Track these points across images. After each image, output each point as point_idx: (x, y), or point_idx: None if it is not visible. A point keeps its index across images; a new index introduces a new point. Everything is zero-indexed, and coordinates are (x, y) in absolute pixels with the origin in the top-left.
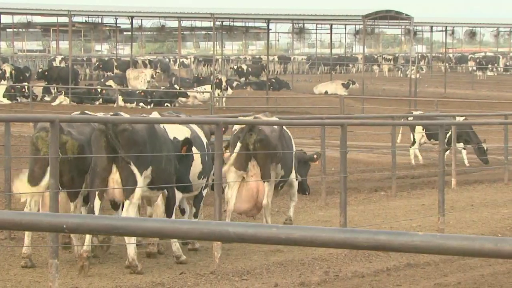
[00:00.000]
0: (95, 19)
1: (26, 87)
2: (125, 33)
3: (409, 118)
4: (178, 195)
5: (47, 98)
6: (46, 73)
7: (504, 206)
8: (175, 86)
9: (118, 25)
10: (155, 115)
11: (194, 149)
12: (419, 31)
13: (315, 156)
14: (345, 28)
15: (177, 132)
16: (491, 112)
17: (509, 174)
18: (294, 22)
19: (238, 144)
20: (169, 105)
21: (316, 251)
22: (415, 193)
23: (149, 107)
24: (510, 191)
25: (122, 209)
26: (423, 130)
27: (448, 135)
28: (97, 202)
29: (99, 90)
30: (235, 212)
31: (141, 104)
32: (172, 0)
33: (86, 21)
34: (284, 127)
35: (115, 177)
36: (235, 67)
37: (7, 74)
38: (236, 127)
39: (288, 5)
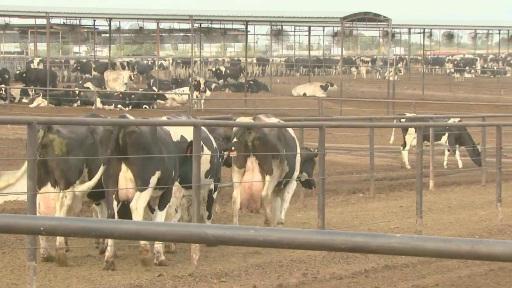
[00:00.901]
0: (73, 21)
1: (3, 89)
2: (103, 35)
3: (402, 120)
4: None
5: (25, 100)
6: (24, 75)
7: (482, 208)
8: (154, 88)
9: (96, 27)
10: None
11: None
12: (397, 33)
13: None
14: (323, 30)
15: (184, 131)
16: (469, 114)
17: (487, 176)
18: (272, 24)
19: (235, 140)
20: (147, 107)
21: (294, 253)
22: (393, 195)
23: (127, 109)
24: (487, 193)
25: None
26: (415, 132)
27: (444, 137)
28: (114, 203)
29: (77, 92)
30: (241, 209)
31: (119, 106)
32: (151, 2)
33: (64, 23)
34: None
35: (126, 176)
36: (214, 69)
37: None
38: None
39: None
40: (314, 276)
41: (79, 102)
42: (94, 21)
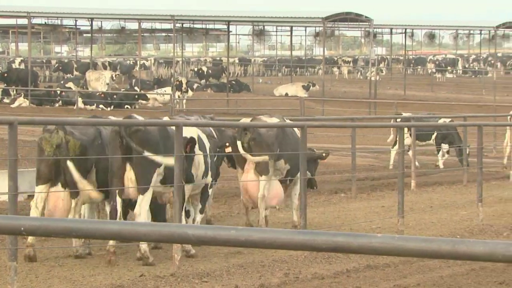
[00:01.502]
0: (54, 20)
1: None
2: (84, 35)
3: (398, 120)
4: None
5: (6, 100)
6: (5, 75)
7: (463, 207)
8: (135, 88)
9: (77, 27)
10: (166, 118)
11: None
12: (378, 33)
13: (324, 154)
14: (305, 30)
15: (185, 132)
16: (450, 114)
17: (468, 176)
18: (254, 24)
19: (239, 143)
20: (129, 107)
21: (276, 253)
22: (375, 194)
23: (109, 109)
24: (469, 193)
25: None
26: (408, 131)
27: (433, 136)
28: (118, 200)
29: (58, 92)
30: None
31: (101, 106)
32: (132, 2)
33: (45, 22)
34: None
35: (129, 175)
36: (196, 69)
37: None
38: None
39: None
40: (296, 276)
41: (60, 102)
42: (76, 21)
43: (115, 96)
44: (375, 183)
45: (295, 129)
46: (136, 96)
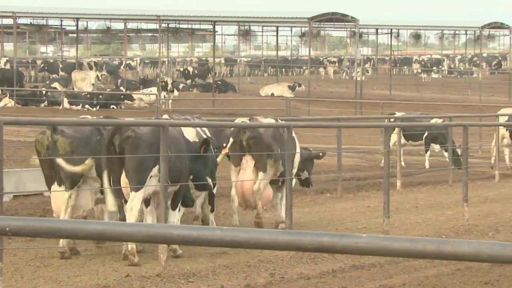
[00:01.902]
0: (40, 21)
1: None
2: (70, 35)
3: (391, 120)
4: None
5: None
6: None
7: (449, 207)
8: (121, 88)
9: (63, 27)
10: (165, 117)
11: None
12: (364, 33)
13: (320, 154)
14: (291, 30)
15: (187, 133)
16: (436, 114)
17: (454, 176)
18: (240, 25)
19: (231, 140)
20: (115, 107)
21: (262, 253)
22: (360, 195)
23: (95, 109)
24: (454, 192)
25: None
26: (400, 132)
27: (424, 136)
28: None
29: (44, 92)
30: (240, 206)
31: (86, 106)
32: (118, 2)
33: (31, 23)
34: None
35: (124, 180)
36: (181, 69)
37: None
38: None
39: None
40: (281, 276)
41: (46, 102)
42: (61, 21)
43: (100, 96)
44: (361, 183)
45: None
46: (122, 96)
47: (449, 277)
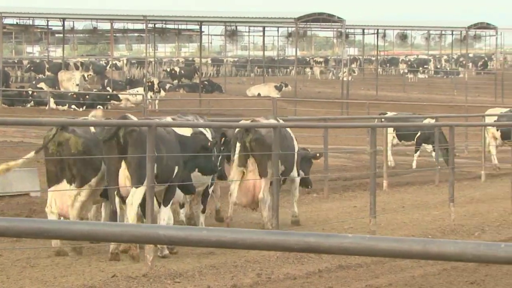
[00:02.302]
0: (26, 21)
1: None
2: (56, 35)
3: (382, 120)
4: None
5: None
6: None
7: (435, 207)
8: (108, 88)
9: (49, 27)
10: (168, 119)
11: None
12: (351, 33)
13: (317, 154)
14: (278, 30)
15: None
16: (422, 114)
17: (440, 176)
18: (226, 25)
19: (238, 144)
20: (101, 107)
21: (248, 253)
22: (347, 195)
23: (81, 109)
24: (440, 193)
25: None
26: (393, 131)
27: (416, 136)
28: (117, 201)
29: (30, 92)
30: (238, 204)
31: (73, 106)
32: (104, 2)
33: (17, 23)
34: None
35: (126, 173)
36: (168, 69)
37: None
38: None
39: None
40: (268, 276)
41: (32, 102)
42: (48, 21)
43: (87, 97)
44: (347, 184)
45: (289, 130)
46: (108, 97)
47: (436, 277)
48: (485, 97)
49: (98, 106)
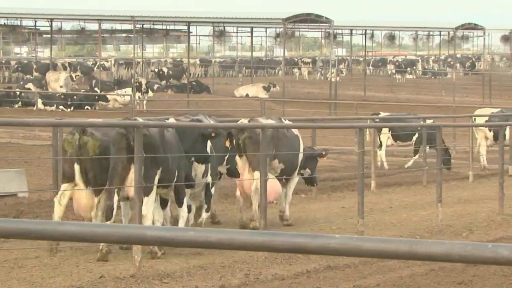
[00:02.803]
0: (14, 21)
1: None
2: (44, 35)
3: (376, 121)
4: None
5: None
6: None
7: (423, 208)
8: (96, 89)
9: (37, 27)
10: (172, 120)
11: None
12: (339, 34)
13: (323, 152)
14: (266, 31)
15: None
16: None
17: (428, 177)
18: (214, 25)
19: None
20: (89, 108)
21: (236, 254)
22: (335, 195)
23: (69, 110)
24: (428, 193)
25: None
26: (389, 131)
27: (415, 137)
28: (115, 198)
29: (18, 93)
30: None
31: (61, 107)
32: (92, 3)
33: (5, 23)
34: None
35: (132, 176)
36: (156, 70)
37: None
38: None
39: (208, 8)
40: (256, 277)
41: (20, 103)
42: (35, 21)
43: (75, 97)
44: (335, 184)
45: (293, 130)
46: (96, 97)
47: (423, 277)
48: (473, 97)
49: (86, 107)
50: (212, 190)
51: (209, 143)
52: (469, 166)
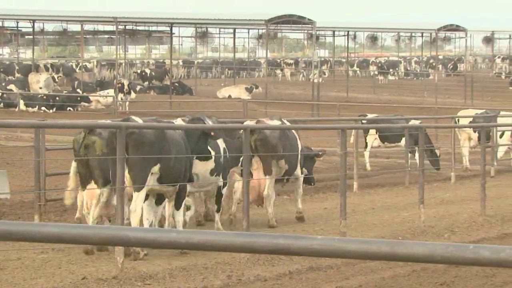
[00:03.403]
0: None
1: None
2: (26, 36)
3: (363, 122)
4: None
5: None
6: None
7: (405, 209)
8: (78, 90)
9: (19, 28)
10: (179, 121)
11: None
12: (321, 35)
13: (320, 153)
14: (248, 32)
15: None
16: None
17: (410, 178)
18: (197, 26)
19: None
20: (71, 109)
21: (219, 255)
22: (318, 196)
23: (51, 111)
24: (410, 194)
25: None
26: (376, 133)
27: (403, 139)
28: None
29: (0, 94)
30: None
31: (43, 108)
32: (75, 4)
33: None
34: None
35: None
36: (139, 71)
37: None
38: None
39: (191, 9)
40: (238, 278)
41: (2, 104)
42: (17, 22)
43: (57, 98)
44: (318, 185)
45: (293, 130)
46: (79, 98)
47: (405, 278)
48: (455, 98)
49: (68, 108)
50: (223, 190)
51: (222, 144)
52: (451, 167)
